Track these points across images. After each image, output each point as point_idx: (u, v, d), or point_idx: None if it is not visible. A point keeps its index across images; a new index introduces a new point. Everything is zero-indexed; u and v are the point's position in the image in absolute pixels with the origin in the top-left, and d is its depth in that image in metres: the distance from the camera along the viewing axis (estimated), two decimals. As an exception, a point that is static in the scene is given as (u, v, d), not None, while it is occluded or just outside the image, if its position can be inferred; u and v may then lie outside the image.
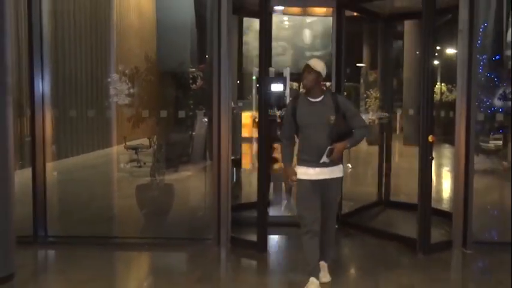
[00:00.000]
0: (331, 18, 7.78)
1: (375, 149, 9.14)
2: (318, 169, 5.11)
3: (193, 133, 8.82)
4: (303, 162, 5.20)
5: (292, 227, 6.39)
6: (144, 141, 8.48)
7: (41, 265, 6.51)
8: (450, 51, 13.88)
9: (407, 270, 6.05)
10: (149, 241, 6.96)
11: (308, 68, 5.13)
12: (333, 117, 5.06)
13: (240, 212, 7.36)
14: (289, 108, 5.33)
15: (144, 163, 8.82)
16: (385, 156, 8.79)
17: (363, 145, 12.49)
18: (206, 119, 7.55)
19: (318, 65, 5.16)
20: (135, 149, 9.11)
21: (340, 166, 5.22)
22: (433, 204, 6.60)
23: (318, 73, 5.11)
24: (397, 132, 18.39)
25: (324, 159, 5.02)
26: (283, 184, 8.30)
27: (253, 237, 6.50)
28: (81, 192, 8.91)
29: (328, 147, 4.99)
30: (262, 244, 6.39)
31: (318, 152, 5.04)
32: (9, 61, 5.44)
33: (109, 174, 9.74)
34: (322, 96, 5.16)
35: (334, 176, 5.20)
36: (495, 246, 6.74)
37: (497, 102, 10.91)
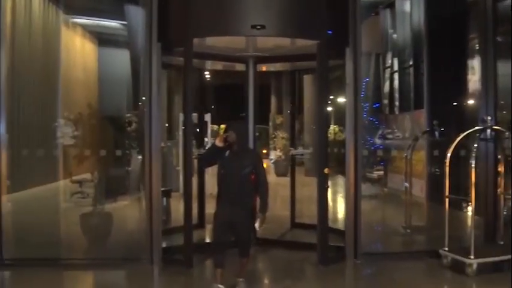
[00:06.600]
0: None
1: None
2: None
3: (129, 168, 8.71)
4: None
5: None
6: (87, 175, 8.28)
7: (-3, 285, 6.14)
8: (340, 100, 14.53)
9: (310, 279, 6.11)
10: (92, 262, 6.69)
11: None
12: None
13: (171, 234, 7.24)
14: None
15: (88, 194, 8.61)
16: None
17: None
18: (140, 156, 7.47)
19: None
20: (80, 182, 8.98)
21: None
22: (330, 224, 6.71)
23: None
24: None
25: None
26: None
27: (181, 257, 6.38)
28: (33, 220, 8.50)
29: None
30: (189, 261, 6.27)
31: None
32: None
33: (57, 204, 9.37)
34: None
35: None
36: (380, 256, 6.87)
37: (378, 141, 11.65)
